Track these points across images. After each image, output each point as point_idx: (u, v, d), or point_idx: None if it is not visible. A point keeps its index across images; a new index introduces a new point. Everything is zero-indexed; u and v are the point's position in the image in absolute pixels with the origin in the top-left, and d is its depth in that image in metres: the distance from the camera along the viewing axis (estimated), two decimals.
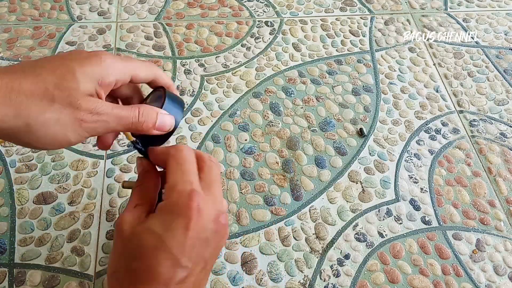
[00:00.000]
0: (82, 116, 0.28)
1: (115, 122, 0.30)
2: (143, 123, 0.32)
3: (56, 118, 0.28)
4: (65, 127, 0.28)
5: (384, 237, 0.49)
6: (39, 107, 0.27)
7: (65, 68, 0.29)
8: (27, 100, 0.27)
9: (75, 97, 0.28)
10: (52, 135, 0.28)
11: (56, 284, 0.44)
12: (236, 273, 0.46)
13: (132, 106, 0.32)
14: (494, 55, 0.69)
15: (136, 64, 0.33)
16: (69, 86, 0.28)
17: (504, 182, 0.55)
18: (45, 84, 0.28)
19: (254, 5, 0.73)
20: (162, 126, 0.33)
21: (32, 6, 0.70)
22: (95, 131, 0.30)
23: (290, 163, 0.54)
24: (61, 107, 0.28)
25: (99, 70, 0.30)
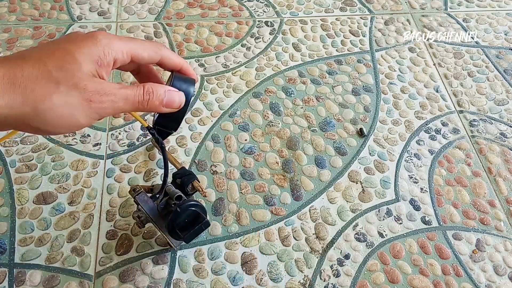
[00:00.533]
0: (90, 97, 0.28)
1: (122, 101, 0.30)
2: (149, 100, 0.32)
3: (63, 100, 0.28)
4: (73, 109, 0.28)
5: (384, 237, 0.49)
6: (45, 91, 0.27)
7: (64, 50, 0.29)
8: (32, 85, 0.27)
9: (80, 78, 0.28)
10: (61, 117, 0.28)
11: (56, 284, 0.44)
12: (236, 273, 0.46)
13: (139, 84, 0.32)
14: (494, 55, 0.69)
15: (137, 44, 0.32)
16: (71, 67, 0.28)
17: (504, 182, 0.55)
18: (47, 67, 0.27)
19: (254, 5, 0.73)
20: (170, 102, 0.33)
21: (32, 6, 0.70)
22: (104, 112, 0.29)
23: (290, 163, 0.54)
24: (68, 89, 0.28)
25: (96, 50, 0.29)
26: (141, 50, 0.32)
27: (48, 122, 0.28)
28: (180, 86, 0.34)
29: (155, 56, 0.34)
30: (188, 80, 0.35)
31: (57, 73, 0.27)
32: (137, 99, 0.31)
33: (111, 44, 0.30)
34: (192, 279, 0.45)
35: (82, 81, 0.28)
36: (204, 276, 0.45)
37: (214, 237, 0.48)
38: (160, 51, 0.34)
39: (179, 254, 0.46)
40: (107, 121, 0.57)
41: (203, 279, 0.45)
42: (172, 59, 0.35)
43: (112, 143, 0.54)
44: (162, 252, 0.46)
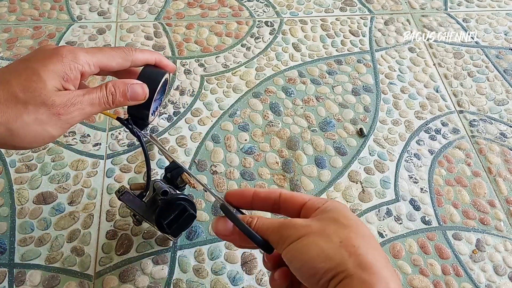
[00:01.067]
0: (58, 111, 0.30)
1: (89, 107, 0.32)
2: (114, 98, 0.33)
3: (34, 118, 0.29)
4: (45, 124, 0.30)
5: (384, 237, 0.49)
6: (15, 112, 0.29)
7: (30, 70, 0.30)
8: (3, 107, 0.29)
9: (46, 95, 0.30)
10: (34, 134, 0.30)
11: (56, 284, 0.44)
12: (236, 273, 0.46)
13: (101, 85, 0.33)
14: (494, 55, 0.69)
15: (105, 54, 0.34)
16: (38, 87, 0.29)
17: (504, 182, 0.55)
18: (14, 89, 0.29)
19: (254, 5, 0.73)
20: (134, 95, 0.34)
21: (32, 6, 0.70)
22: (74, 120, 0.31)
23: (290, 163, 0.54)
24: (36, 108, 0.29)
25: (61, 67, 0.31)
26: (109, 60, 0.34)
27: (23, 140, 0.30)
28: (146, 78, 0.35)
29: (124, 63, 0.35)
30: (155, 71, 0.36)
31: (24, 94, 0.29)
32: (102, 101, 0.32)
33: (76, 58, 0.32)
34: (192, 279, 0.45)
35: (49, 97, 0.30)
36: (204, 276, 0.45)
37: (214, 237, 0.48)
38: (130, 56, 0.35)
39: (179, 254, 0.46)
40: (107, 121, 0.57)
41: (203, 279, 0.45)
42: (143, 58, 0.36)
43: (112, 143, 0.54)
44: (162, 252, 0.46)
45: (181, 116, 0.58)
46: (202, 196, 0.51)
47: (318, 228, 0.29)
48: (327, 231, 0.28)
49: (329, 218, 0.30)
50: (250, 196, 0.34)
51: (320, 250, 0.27)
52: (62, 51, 0.31)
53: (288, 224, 0.30)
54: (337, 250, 0.27)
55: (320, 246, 0.28)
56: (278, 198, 0.33)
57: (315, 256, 0.27)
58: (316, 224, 0.29)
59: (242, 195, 0.34)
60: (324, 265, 0.27)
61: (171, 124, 0.57)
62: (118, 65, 0.34)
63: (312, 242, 0.28)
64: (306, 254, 0.28)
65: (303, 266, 0.28)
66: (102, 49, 0.34)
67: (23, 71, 0.30)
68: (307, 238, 0.28)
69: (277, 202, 0.33)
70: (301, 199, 0.33)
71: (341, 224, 0.29)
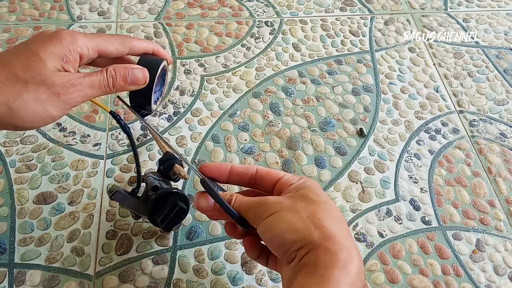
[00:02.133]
0: (58, 90, 0.30)
1: (89, 89, 0.32)
2: (114, 81, 0.33)
3: (34, 97, 0.30)
4: (44, 103, 0.30)
5: (384, 237, 0.49)
6: (15, 90, 0.29)
7: (29, 52, 0.30)
8: (3, 86, 0.29)
9: (45, 74, 0.30)
10: (34, 113, 0.30)
11: (56, 284, 0.44)
12: (236, 273, 0.46)
13: (102, 69, 0.33)
14: (494, 55, 0.69)
15: (104, 39, 0.34)
16: (37, 66, 0.30)
17: (504, 182, 0.55)
18: (14, 69, 0.29)
19: (254, 5, 0.73)
20: (135, 79, 0.34)
21: (32, 6, 0.70)
22: (74, 101, 0.31)
23: (290, 163, 0.54)
24: (36, 86, 0.30)
25: (60, 48, 0.31)
26: (108, 44, 0.34)
27: (23, 119, 0.30)
28: (146, 64, 0.35)
29: (122, 49, 0.35)
30: (153, 58, 0.37)
31: (24, 73, 0.29)
32: (103, 83, 0.33)
33: (75, 41, 0.32)
34: (192, 279, 0.45)
35: (48, 77, 0.30)
36: (204, 276, 0.45)
37: (214, 237, 0.48)
38: (128, 42, 0.35)
39: (179, 254, 0.46)
40: (107, 121, 0.57)
41: (203, 279, 0.45)
42: (141, 46, 0.36)
43: (112, 143, 0.54)
44: (162, 252, 0.46)
45: (181, 116, 0.58)
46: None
47: (289, 205, 0.32)
48: (297, 207, 0.32)
49: (299, 195, 0.33)
50: (227, 170, 0.37)
51: (289, 223, 0.31)
52: (61, 34, 0.32)
53: (262, 202, 0.33)
54: (304, 223, 0.31)
55: (289, 220, 0.31)
56: (255, 173, 0.36)
57: (284, 229, 0.31)
58: (287, 201, 0.32)
59: (219, 169, 0.37)
60: (292, 237, 0.30)
61: (171, 124, 0.57)
62: (117, 51, 0.35)
63: (283, 216, 0.31)
64: (277, 227, 0.31)
65: (274, 237, 0.31)
66: (101, 35, 0.35)
67: (23, 53, 0.30)
68: (278, 214, 0.31)
69: (254, 177, 0.37)
70: (276, 175, 0.36)
71: (309, 200, 0.32)
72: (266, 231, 0.32)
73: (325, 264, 0.29)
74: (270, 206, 0.32)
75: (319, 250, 0.29)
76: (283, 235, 0.31)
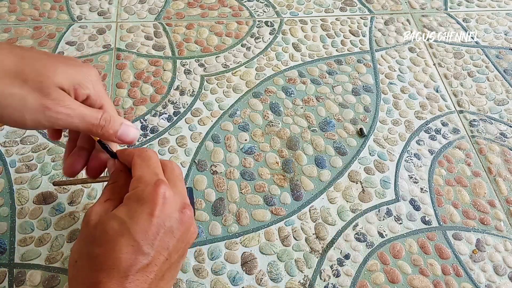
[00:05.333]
0: (48, 104, 0.29)
1: (78, 119, 0.31)
2: (104, 127, 0.33)
3: (22, 96, 0.29)
4: (26, 108, 0.29)
5: (384, 237, 0.49)
6: (10, 82, 0.28)
7: (50, 61, 0.30)
8: (1, 73, 0.28)
9: (47, 84, 0.29)
10: (10, 110, 0.29)
11: (56, 284, 0.44)
12: (236, 273, 0.46)
13: (99, 109, 0.33)
14: (494, 55, 0.69)
15: (111, 105, 0.34)
16: (45, 74, 0.29)
17: (504, 182, 0.55)
18: (25, 67, 0.29)
19: (254, 5, 0.73)
20: (124, 136, 0.34)
21: (32, 6, 0.70)
22: (56, 122, 0.30)
23: (290, 163, 0.54)
24: (31, 89, 0.29)
25: (80, 77, 0.31)
26: (109, 106, 0.34)
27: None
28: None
29: (104, 131, 0.34)
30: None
31: (30, 73, 0.29)
32: (93, 122, 0.32)
33: (95, 84, 0.32)
34: (192, 279, 0.45)
35: (47, 87, 0.29)
36: (204, 276, 0.45)
37: (214, 237, 0.48)
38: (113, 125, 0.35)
39: None
40: None
41: (203, 279, 0.45)
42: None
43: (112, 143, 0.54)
44: None
45: (181, 116, 0.58)
46: (202, 196, 0.51)
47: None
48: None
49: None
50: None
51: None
52: (92, 70, 0.32)
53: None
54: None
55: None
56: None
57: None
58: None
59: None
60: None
61: (171, 124, 0.57)
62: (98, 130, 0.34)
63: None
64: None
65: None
66: (111, 103, 0.35)
67: (44, 59, 0.30)
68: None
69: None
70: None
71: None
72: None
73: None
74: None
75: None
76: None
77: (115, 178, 0.35)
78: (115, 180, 0.35)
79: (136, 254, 0.29)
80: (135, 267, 0.29)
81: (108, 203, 0.33)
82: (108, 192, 0.34)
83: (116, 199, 0.33)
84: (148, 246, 0.30)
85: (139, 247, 0.29)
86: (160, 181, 0.32)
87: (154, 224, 0.30)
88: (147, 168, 0.33)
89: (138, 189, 0.32)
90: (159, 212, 0.30)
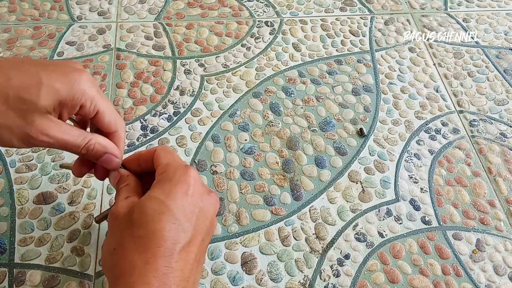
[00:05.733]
0: (31, 133, 0.30)
1: (60, 146, 0.31)
2: (85, 153, 0.33)
3: (7, 124, 0.29)
4: (12, 134, 0.29)
5: (384, 237, 0.49)
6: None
7: (35, 79, 0.29)
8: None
9: (31, 112, 0.29)
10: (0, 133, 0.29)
11: (56, 284, 0.44)
12: (236, 273, 0.46)
13: (85, 135, 0.33)
14: (494, 55, 0.69)
15: (110, 106, 0.34)
16: (29, 99, 0.29)
17: (504, 182, 0.55)
18: (9, 90, 0.29)
19: (254, 5, 0.73)
20: (104, 163, 0.35)
21: (32, 6, 0.70)
22: (40, 145, 0.31)
23: (290, 163, 0.54)
24: (15, 117, 0.29)
25: (68, 89, 0.30)
26: (105, 114, 0.34)
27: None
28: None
29: (112, 126, 0.35)
30: None
31: (14, 100, 0.29)
32: (75, 150, 0.32)
33: (87, 91, 0.32)
34: None
35: (32, 116, 0.29)
36: (204, 276, 0.45)
37: (214, 237, 0.48)
38: (120, 125, 0.35)
39: None
40: None
41: (203, 279, 0.45)
42: (114, 145, 0.36)
43: None
44: None
45: (181, 116, 0.58)
46: None
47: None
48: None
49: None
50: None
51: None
52: (80, 77, 0.31)
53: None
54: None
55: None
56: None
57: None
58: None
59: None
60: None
61: (171, 124, 0.57)
62: (108, 124, 0.34)
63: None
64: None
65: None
66: (109, 102, 0.35)
67: (28, 77, 0.29)
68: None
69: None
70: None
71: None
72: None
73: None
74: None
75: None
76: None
77: (125, 181, 0.36)
78: (127, 183, 0.35)
79: (178, 231, 0.30)
80: (178, 245, 0.29)
81: (130, 198, 0.33)
82: (124, 192, 0.34)
83: (136, 195, 0.34)
84: (188, 224, 0.30)
85: (180, 224, 0.30)
86: (189, 165, 0.33)
87: (190, 203, 0.31)
88: (172, 156, 0.35)
89: (168, 172, 0.33)
90: (193, 192, 0.32)
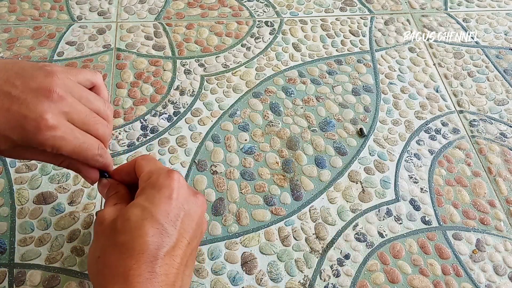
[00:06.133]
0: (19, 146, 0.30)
1: (44, 160, 0.34)
2: (62, 164, 0.35)
3: (9, 151, 0.31)
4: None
5: (384, 237, 0.49)
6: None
7: (31, 107, 0.29)
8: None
9: (29, 144, 0.30)
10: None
11: (56, 284, 0.44)
12: (236, 273, 0.46)
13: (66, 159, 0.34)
14: (494, 55, 0.69)
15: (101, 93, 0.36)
16: (26, 136, 0.29)
17: (504, 182, 0.55)
18: (11, 120, 0.29)
19: (254, 5, 0.73)
20: (106, 166, 0.37)
21: (32, 6, 0.70)
22: (21, 158, 0.33)
23: (290, 163, 0.54)
24: (17, 145, 0.30)
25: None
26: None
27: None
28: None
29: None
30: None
31: (14, 134, 0.29)
32: (57, 164, 0.34)
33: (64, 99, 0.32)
34: (192, 279, 0.45)
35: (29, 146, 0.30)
36: (204, 276, 0.45)
37: (214, 237, 0.48)
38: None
39: None
40: None
41: (203, 279, 0.45)
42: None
43: (112, 143, 0.54)
44: None
45: (181, 116, 0.58)
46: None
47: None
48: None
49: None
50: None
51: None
52: (55, 88, 0.30)
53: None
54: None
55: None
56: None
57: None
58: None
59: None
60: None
61: (171, 124, 0.57)
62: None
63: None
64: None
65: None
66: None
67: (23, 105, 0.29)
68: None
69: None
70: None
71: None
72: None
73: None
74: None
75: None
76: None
77: (115, 189, 0.36)
78: (117, 191, 0.36)
79: (161, 236, 0.30)
80: (162, 250, 0.29)
81: (118, 205, 0.34)
82: (113, 199, 0.35)
83: (124, 203, 0.34)
84: (172, 228, 0.30)
85: (164, 229, 0.30)
86: (172, 170, 0.33)
87: (174, 207, 0.31)
88: (153, 164, 0.35)
89: (152, 178, 0.33)
90: (177, 195, 0.32)
